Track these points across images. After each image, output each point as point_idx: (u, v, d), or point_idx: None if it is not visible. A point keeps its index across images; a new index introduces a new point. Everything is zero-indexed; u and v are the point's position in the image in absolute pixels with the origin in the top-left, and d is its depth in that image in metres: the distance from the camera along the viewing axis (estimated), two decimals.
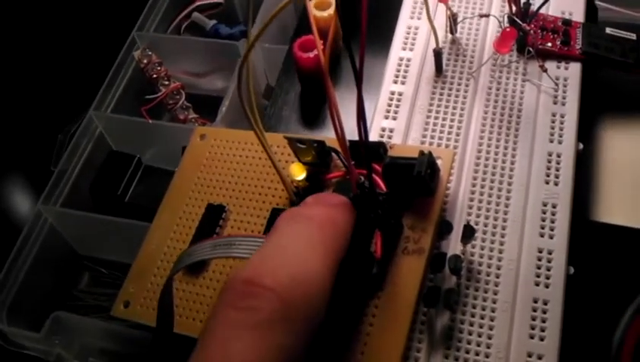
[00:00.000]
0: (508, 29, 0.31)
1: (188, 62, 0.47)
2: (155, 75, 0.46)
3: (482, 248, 0.29)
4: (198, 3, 0.50)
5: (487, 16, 0.35)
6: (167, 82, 0.45)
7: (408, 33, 0.37)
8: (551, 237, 0.29)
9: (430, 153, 0.28)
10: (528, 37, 0.34)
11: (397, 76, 0.35)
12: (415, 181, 0.28)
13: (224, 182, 0.34)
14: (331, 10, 0.36)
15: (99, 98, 0.44)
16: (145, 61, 0.46)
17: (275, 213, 0.31)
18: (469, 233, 0.28)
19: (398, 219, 0.28)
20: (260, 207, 0.32)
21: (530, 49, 0.33)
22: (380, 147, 0.30)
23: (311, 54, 0.36)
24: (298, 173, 0.31)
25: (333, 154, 0.31)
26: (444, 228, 0.29)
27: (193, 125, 0.44)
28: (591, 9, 0.37)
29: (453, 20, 0.35)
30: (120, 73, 0.45)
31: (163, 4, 0.49)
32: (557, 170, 0.31)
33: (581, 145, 0.31)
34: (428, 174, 0.28)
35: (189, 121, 0.44)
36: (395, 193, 0.28)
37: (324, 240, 0.24)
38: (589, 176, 0.33)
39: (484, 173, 0.31)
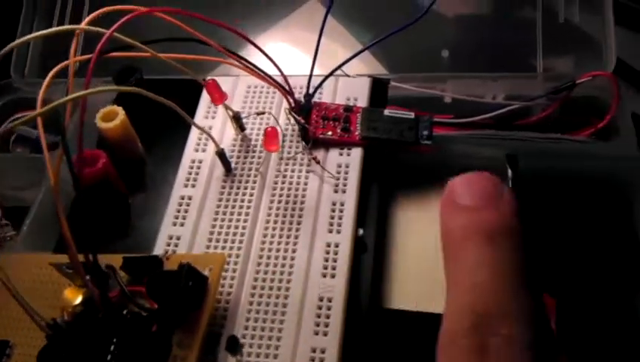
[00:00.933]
0: (269, 129, 0.31)
1: (10, 178, 0.46)
2: None
3: (258, 355, 0.28)
4: (19, 115, 0.49)
5: (262, 113, 0.35)
6: None
7: (201, 134, 0.36)
8: (325, 334, 0.28)
9: (188, 264, 0.27)
10: (308, 129, 0.34)
11: (188, 179, 0.35)
12: (177, 295, 0.27)
13: (7, 317, 0.32)
14: (118, 121, 0.36)
15: None
16: None
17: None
18: (232, 345, 0.27)
19: (167, 337, 0.27)
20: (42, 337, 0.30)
21: (305, 143, 0.33)
22: (154, 261, 0.29)
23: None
24: (73, 297, 0.29)
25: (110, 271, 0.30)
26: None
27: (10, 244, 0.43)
28: (379, 91, 0.38)
29: (236, 119, 0.35)
30: None
31: None
32: (334, 261, 0.30)
33: (361, 231, 0.31)
34: (189, 287, 0.27)
35: (4, 239, 0.43)
36: (165, 309, 0.28)
37: None
38: (381, 261, 0.33)
39: (265, 273, 0.30)
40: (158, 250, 0.32)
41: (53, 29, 0.28)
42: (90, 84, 0.40)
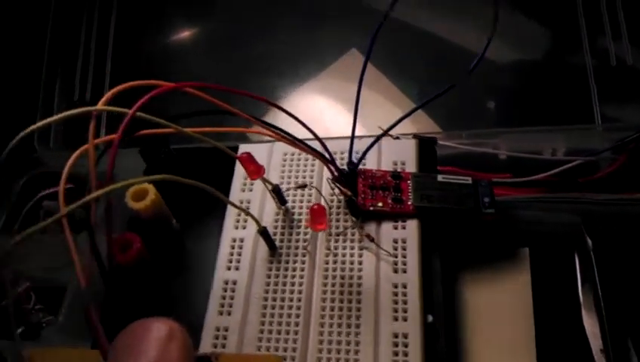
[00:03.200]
0: (315, 206, 0.28)
1: (39, 256, 0.44)
2: None
3: None
4: (46, 192, 0.47)
5: (304, 186, 0.33)
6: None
7: (240, 213, 0.34)
8: None
9: None
10: (355, 201, 0.31)
11: (230, 261, 0.32)
12: None
13: None
14: (148, 201, 0.33)
15: None
16: None
17: None
18: None
19: None
20: None
21: (354, 218, 0.31)
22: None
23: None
24: None
25: None
26: None
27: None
28: (428, 152, 0.35)
29: (276, 193, 0.32)
30: None
31: (10, 198, 0.46)
32: (405, 354, 0.27)
33: (430, 317, 0.28)
34: None
35: (39, 326, 0.40)
36: None
37: None
38: (455, 347, 0.30)
39: None
40: (205, 344, 0.29)
41: (73, 111, 0.26)
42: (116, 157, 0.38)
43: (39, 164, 0.49)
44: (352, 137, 0.31)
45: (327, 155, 0.31)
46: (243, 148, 0.36)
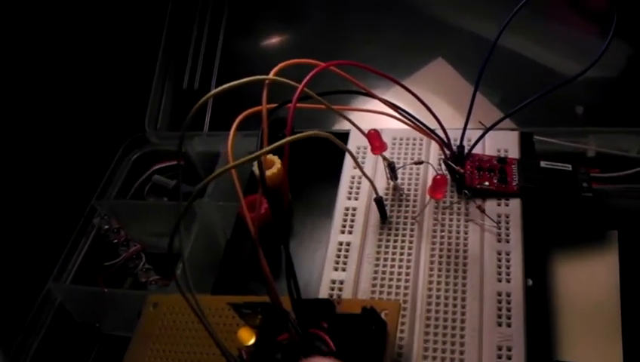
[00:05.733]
0: (438, 177, 0.32)
1: (148, 223, 0.48)
2: (115, 241, 0.46)
3: None
4: (157, 166, 0.51)
5: (420, 163, 0.36)
6: (125, 247, 0.46)
7: (352, 183, 0.38)
8: None
9: (373, 309, 0.28)
10: (465, 178, 0.34)
11: (344, 226, 0.36)
12: (362, 339, 0.27)
13: (177, 353, 0.33)
14: (275, 169, 0.38)
15: (57, 270, 0.44)
16: (105, 227, 0.46)
17: None
18: None
19: None
20: None
21: (466, 191, 0.34)
22: (328, 304, 0.30)
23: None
24: (247, 338, 0.30)
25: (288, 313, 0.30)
26: None
27: (154, 288, 0.44)
28: (527, 144, 0.38)
29: (390, 169, 0.36)
30: (79, 242, 0.46)
31: (123, 171, 0.51)
32: (508, 310, 0.30)
33: (530, 281, 0.31)
34: (373, 331, 0.27)
35: (150, 283, 0.44)
36: (346, 352, 0.28)
37: None
38: (549, 313, 0.32)
39: (436, 319, 0.30)
40: (323, 294, 0.33)
41: (244, 79, 0.29)
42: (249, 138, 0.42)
43: (148, 143, 0.53)
44: (466, 123, 0.35)
45: (445, 139, 0.34)
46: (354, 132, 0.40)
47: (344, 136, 0.40)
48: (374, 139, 0.34)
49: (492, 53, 0.35)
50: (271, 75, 0.29)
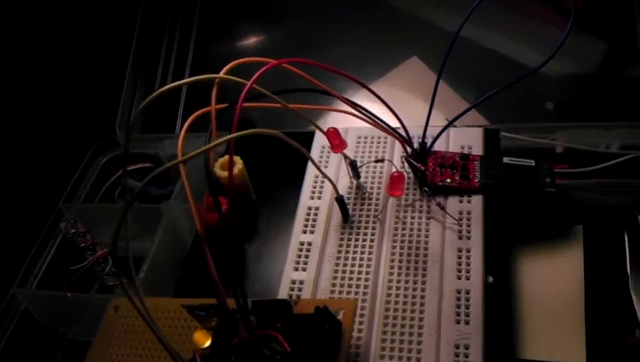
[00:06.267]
0: (395, 173, 0.31)
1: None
2: (82, 245, 0.46)
3: None
4: (127, 169, 0.51)
5: (381, 161, 0.36)
6: (91, 251, 0.45)
7: (315, 183, 0.37)
8: None
9: (326, 308, 0.27)
10: (427, 176, 0.34)
11: (306, 226, 0.35)
12: (315, 339, 0.27)
13: (136, 357, 0.33)
14: (236, 170, 0.37)
15: (22, 274, 0.43)
16: (72, 231, 0.46)
17: None
18: None
19: None
20: None
21: (426, 189, 0.33)
22: (284, 305, 0.29)
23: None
24: (202, 341, 0.29)
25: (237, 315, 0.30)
26: None
27: (121, 292, 0.43)
28: (492, 141, 0.38)
29: (352, 167, 0.35)
30: (46, 246, 0.45)
31: (93, 173, 0.50)
32: (467, 307, 0.30)
33: (490, 278, 0.31)
34: (325, 330, 0.27)
35: (116, 287, 0.44)
36: (300, 353, 0.27)
37: None
38: (510, 309, 0.32)
39: (395, 318, 0.30)
40: (282, 295, 0.32)
41: (194, 78, 0.29)
42: (202, 138, 0.42)
43: (118, 145, 0.53)
44: (428, 120, 0.34)
45: (405, 136, 0.34)
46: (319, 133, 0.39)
47: (309, 136, 0.40)
48: (333, 137, 0.34)
49: (454, 42, 0.35)
50: (221, 74, 0.29)
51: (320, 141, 0.39)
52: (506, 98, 0.43)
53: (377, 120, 0.33)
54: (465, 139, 0.37)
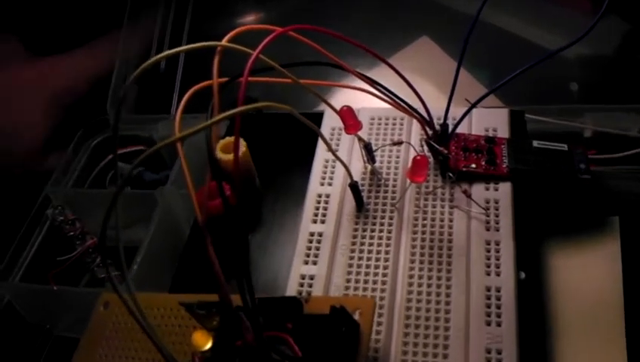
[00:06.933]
0: (418, 157, 0.28)
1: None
2: (70, 233, 0.42)
3: None
4: (119, 152, 0.48)
5: (400, 143, 0.33)
6: (81, 241, 0.42)
7: (326, 167, 0.34)
8: None
9: (343, 308, 0.24)
10: (449, 160, 0.31)
11: (316, 215, 0.32)
12: (331, 342, 0.24)
13: (129, 359, 0.30)
14: (239, 153, 0.34)
15: (5, 265, 0.40)
16: (59, 219, 0.43)
17: None
18: None
19: None
20: None
21: (451, 174, 0.30)
22: (294, 303, 0.26)
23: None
24: (203, 342, 0.26)
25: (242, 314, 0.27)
26: None
27: (109, 286, 0.40)
28: (518, 123, 0.35)
29: (367, 150, 0.32)
30: (31, 235, 0.42)
31: (82, 157, 0.47)
32: (498, 307, 0.27)
33: (522, 274, 0.28)
34: (342, 333, 0.24)
35: (107, 279, 0.41)
36: (313, 358, 0.24)
37: None
38: (543, 309, 0.29)
39: (417, 318, 0.27)
40: (291, 291, 0.29)
41: (192, 45, 0.25)
42: (201, 120, 0.39)
43: (109, 127, 0.50)
44: (450, 98, 0.31)
45: (426, 117, 0.31)
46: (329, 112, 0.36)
47: (318, 116, 0.37)
48: (348, 116, 0.30)
49: (474, 25, 0.32)
50: (224, 42, 0.25)
51: (329, 122, 0.36)
52: (523, 80, 0.41)
53: (397, 98, 0.30)
54: (489, 120, 0.34)
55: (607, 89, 0.42)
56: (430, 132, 0.31)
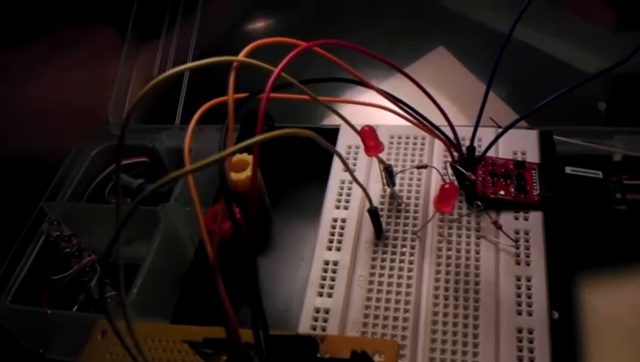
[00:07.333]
0: (447, 186, 0.26)
1: (108, 229, 0.41)
2: (67, 250, 0.40)
3: None
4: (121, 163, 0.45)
5: (424, 167, 0.30)
6: (77, 258, 0.40)
7: (342, 189, 0.32)
8: None
9: (365, 353, 0.22)
10: (477, 186, 0.29)
11: (331, 241, 0.30)
12: None
13: None
14: (249, 172, 0.32)
15: None
16: (55, 234, 0.40)
17: None
18: None
19: None
20: None
21: (479, 203, 0.28)
22: (309, 343, 0.24)
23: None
24: None
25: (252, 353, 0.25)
26: None
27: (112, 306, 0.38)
28: (547, 145, 0.32)
29: (388, 173, 0.30)
30: (24, 252, 0.40)
31: (80, 168, 0.45)
32: (530, 351, 0.24)
33: (556, 314, 0.26)
34: None
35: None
36: None
37: None
38: (573, 351, 0.27)
39: (443, 361, 0.25)
40: (304, 326, 0.27)
41: (213, 59, 0.23)
42: (206, 132, 0.37)
43: (110, 136, 0.47)
44: (478, 120, 0.29)
45: (453, 139, 0.29)
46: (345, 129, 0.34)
47: (333, 132, 0.35)
48: (369, 137, 0.28)
49: (507, 43, 0.30)
50: (240, 57, 0.23)
51: (345, 140, 0.34)
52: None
53: (421, 117, 0.28)
54: (518, 142, 0.32)
55: (637, 109, 0.40)
56: (456, 155, 0.29)
